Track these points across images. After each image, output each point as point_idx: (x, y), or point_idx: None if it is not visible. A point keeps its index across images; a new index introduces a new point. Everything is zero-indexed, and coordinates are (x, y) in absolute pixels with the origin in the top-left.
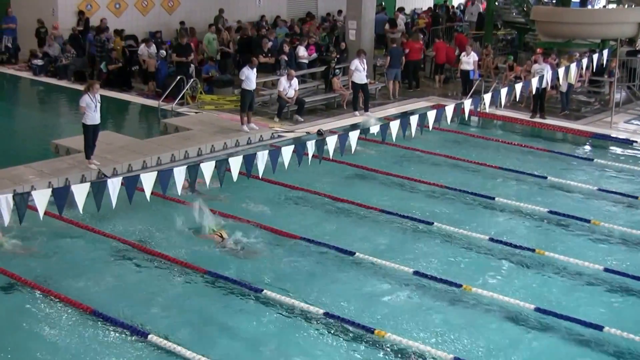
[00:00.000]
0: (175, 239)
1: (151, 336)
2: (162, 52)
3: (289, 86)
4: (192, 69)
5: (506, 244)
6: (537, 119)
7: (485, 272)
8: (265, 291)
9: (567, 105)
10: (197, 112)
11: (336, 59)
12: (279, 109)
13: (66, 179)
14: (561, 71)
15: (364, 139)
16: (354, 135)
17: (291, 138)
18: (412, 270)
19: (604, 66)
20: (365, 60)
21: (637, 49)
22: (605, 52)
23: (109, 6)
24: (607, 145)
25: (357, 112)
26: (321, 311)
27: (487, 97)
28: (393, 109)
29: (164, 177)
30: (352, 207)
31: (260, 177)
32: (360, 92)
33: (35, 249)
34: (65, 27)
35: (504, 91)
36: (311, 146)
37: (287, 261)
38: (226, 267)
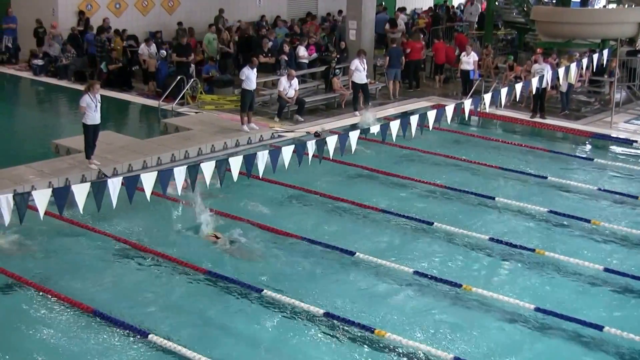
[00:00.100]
0: (175, 238)
1: (151, 336)
2: (163, 52)
3: (289, 86)
4: (192, 69)
5: (506, 244)
6: (537, 119)
7: (485, 272)
8: (266, 291)
9: (567, 105)
10: (197, 112)
11: (336, 59)
12: (279, 109)
13: (66, 179)
14: (561, 71)
15: (364, 138)
16: (354, 135)
17: (291, 138)
18: (412, 270)
19: (604, 66)
20: (365, 60)
21: (637, 48)
22: (605, 52)
23: (109, 6)
24: (607, 145)
25: (357, 112)
26: (321, 311)
27: (487, 97)
28: (393, 109)
29: (164, 177)
30: (352, 207)
31: (261, 177)
32: (361, 92)
33: (35, 248)
34: (65, 27)
35: (504, 91)
36: (311, 146)
37: (287, 261)
38: (226, 267)
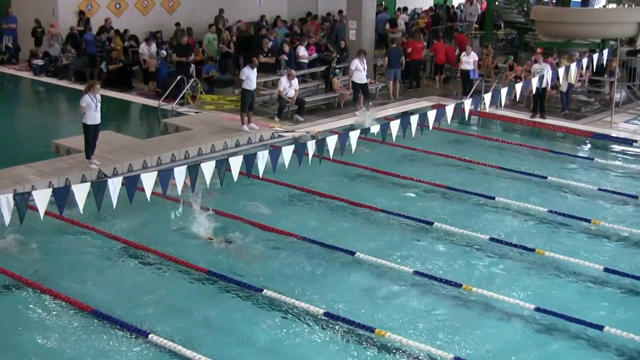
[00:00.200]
0: (175, 238)
1: (151, 336)
2: (163, 52)
3: (289, 86)
4: (192, 69)
5: (506, 243)
6: (537, 119)
7: (485, 272)
8: (266, 291)
9: (567, 105)
10: (197, 112)
11: (336, 59)
12: (279, 108)
13: (67, 179)
14: (561, 71)
15: (364, 138)
16: (354, 135)
17: (291, 138)
18: (412, 270)
19: (604, 66)
20: (365, 60)
21: (637, 48)
22: (605, 52)
23: (109, 6)
24: (607, 145)
25: (357, 112)
26: (321, 311)
27: (487, 97)
28: (393, 109)
29: (164, 177)
30: (352, 207)
31: (261, 177)
32: (361, 92)
33: (35, 248)
34: (65, 27)
35: (504, 91)
36: (311, 146)
37: (287, 261)
38: (226, 267)
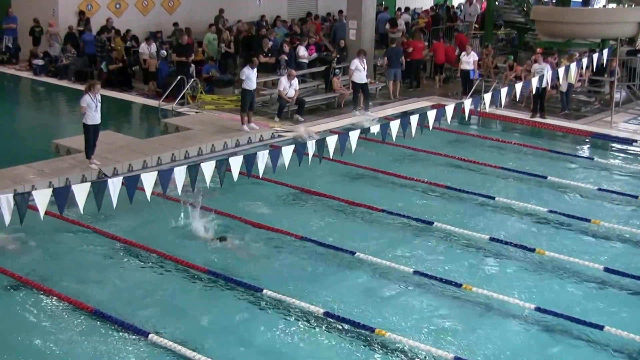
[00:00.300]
0: (175, 238)
1: (151, 335)
2: (163, 52)
3: (289, 86)
4: (192, 68)
5: (506, 243)
6: (537, 119)
7: (485, 271)
8: (265, 291)
9: (567, 105)
10: (197, 112)
11: (336, 59)
12: (279, 108)
13: (67, 179)
14: (561, 71)
15: (364, 138)
16: (354, 135)
17: (291, 138)
18: (412, 269)
19: (604, 66)
20: (365, 60)
21: (637, 48)
22: (605, 52)
23: (109, 6)
24: (607, 145)
25: (357, 112)
26: (321, 310)
27: (487, 97)
28: (393, 109)
29: (164, 177)
30: (352, 207)
31: (261, 176)
32: (360, 92)
33: (35, 248)
34: (64, 27)
35: (504, 91)
36: (311, 146)
37: (287, 261)
38: (226, 266)
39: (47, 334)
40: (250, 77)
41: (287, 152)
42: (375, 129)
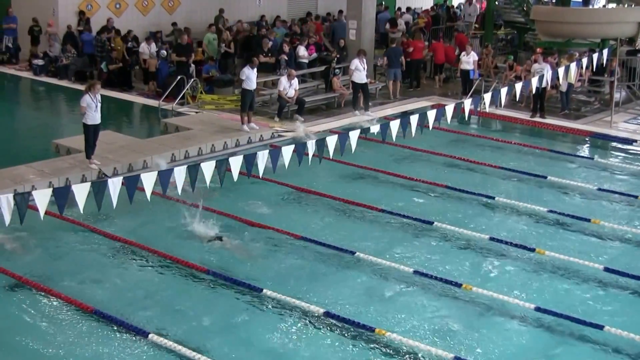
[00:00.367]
0: (175, 238)
1: (151, 335)
2: (163, 52)
3: (289, 86)
4: (192, 68)
5: (506, 243)
6: (537, 119)
7: (485, 271)
8: (265, 290)
9: (567, 105)
10: (197, 112)
11: (336, 59)
12: (279, 108)
13: (67, 179)
14: (561, 71)
15: (364, 138)
16: (354, 135)
17: (291, 138)
18: (412, 269)
19: (604, 66)
20: (365, 59)
21: (637, 48)
22: (605, 52)
23: (109, 6)
24: (607, 145)
25: (357, 112)
26: (321, 310)
27: (487, 97)
28: (393, 109)
29: (164, 177)
30: (352, 207)
31: (261, 176)
32: (360, 92)
33: (35, 248)
34: (64, 27)
35: (503, 91)
36: (311, 146)
37: (287, 261)
38: (226, 266)
39: (47, 334)
40: (250, 77)
41: (287, 152)
42: (375, 128)
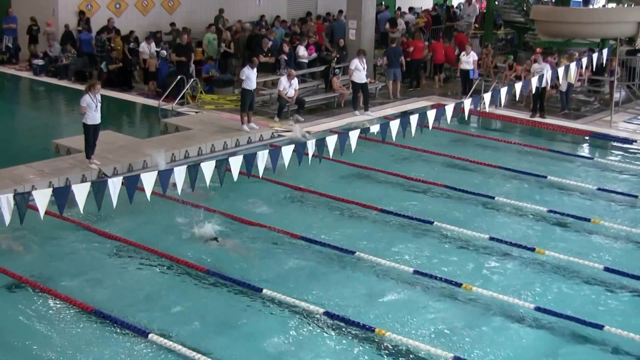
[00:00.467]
0: (175, 238)
1: (152, 335)
2: (163, 52)
3: (289, 86)
4: (192, 68)
5: (506, 242)
6: (537, 119)
7: (485, 271)
8: (265, 290)
9: (566, 105)
10: (197, 112)
11: (336, 59)
12: (279, 108)
13: (67, 179)
14: (561, 70)
15: (364, 138)
16: (353, 135)
17: (288, 138)
18: (412, 269)
19: (604, 65)
20: (365, 59)
21: (637, 48)
22: (605, 52)
23: (109, 6)
24: (607, 145)
25: (356, 112)
26: (321, 310)
27: (487, 97)
28: (393, 109)
29: (164, 177)
30: (352, 207)
31: (261, 176)
32: (360, 92)
33: (35, 248)
34: (64, 27)
35: (503, 90)
36: (311, 146)
37: (287, 260)
38: (226, 266)
39: (47, 334)
40: (250, 77)
41: (287, 152)
42: (375, 128)
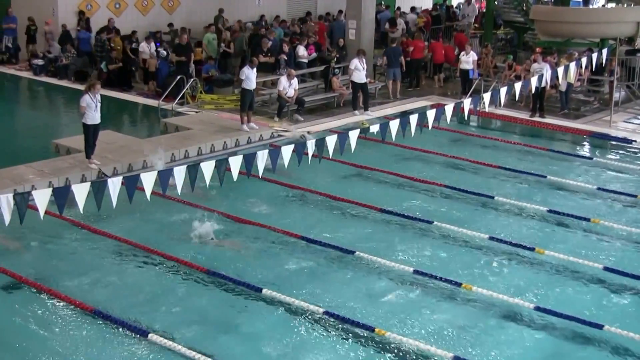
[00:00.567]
0: (175, 238)
1: (152, 335)
2: (163, 51)
3: (289, 85)
4: (192, 68)
5: (506, 242)
6: (536, 118)
7: (485, 271)
8: (265, 290)
9: (566, 105)
10: (197, 112)
11: (336, 59)
12: (279, 108)
13: (66, 179)
14: (560, 70)
15: (364, 138)
16: (353, 135)
17: (286, 139)
18: (412, 269)
19: (603, 65)
20: (365, 59)
21: (636, 48)
22: (605, 51)
23: (109, 6)
24: (606, 144)
25: (356, 112)
26: (321, 310)
27: (486, 97)
28: (393, 109)
29: (164, 177)
30: (352, 206)
31: (260, 176)
32: (360, 92)
33: (35, 248)
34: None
35: (503, 90)
36: (311, 146)
37: (286, 260)
38: (226, 266)
39: (47, 334)
40: (250, 76)
41: (287, 151)
42: (375, 128)
